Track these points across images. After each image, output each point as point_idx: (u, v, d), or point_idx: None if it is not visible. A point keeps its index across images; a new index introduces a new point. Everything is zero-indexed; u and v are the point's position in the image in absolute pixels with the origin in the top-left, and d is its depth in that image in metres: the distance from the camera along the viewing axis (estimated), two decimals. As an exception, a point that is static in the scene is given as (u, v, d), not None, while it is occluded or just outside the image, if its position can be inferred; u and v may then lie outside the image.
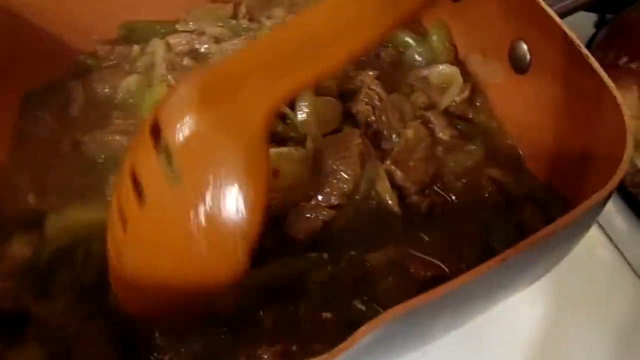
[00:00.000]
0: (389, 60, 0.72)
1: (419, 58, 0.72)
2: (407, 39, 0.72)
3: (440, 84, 0.67)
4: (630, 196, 0.68)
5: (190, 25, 0.76)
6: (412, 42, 0.72)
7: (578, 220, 0.39)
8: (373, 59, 0.71)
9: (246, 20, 0.76)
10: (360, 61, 0.70)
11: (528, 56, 0.59)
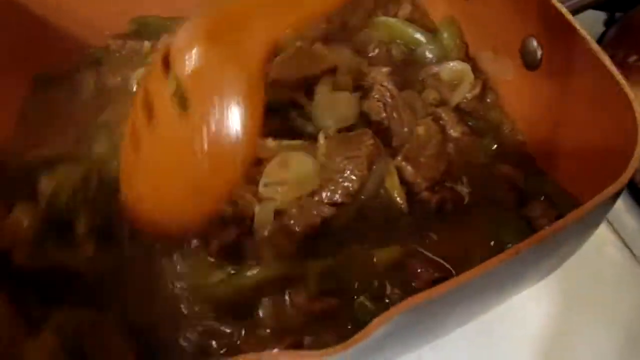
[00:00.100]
0: (400, 57, 0.72)
1: (429, 55, 0.72)
2: (418, 36, 0.73)
3: (451, 80, 0.67)
4: (641, 194, 0.68)
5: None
6: (423, 39, 0.72)
7: (588, 216, 0.39)
8: (384, 56, 0.72)
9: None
10: (371, 58, 0.71)
11: (539, 53, 0.59)
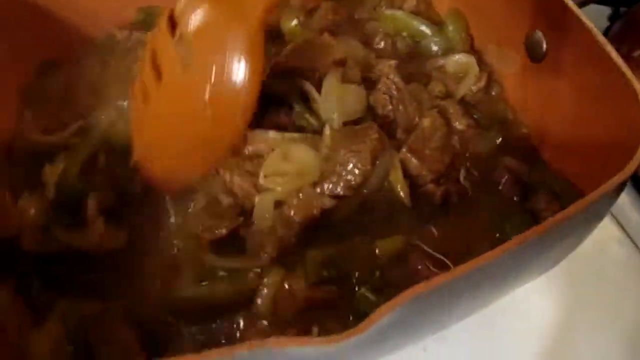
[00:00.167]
0: (405, 50, 0.72)
1: (435, 48, 0.72)
2: (423, 29, 0.73)
3: (456, 73, 0.67)
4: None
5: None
6: (428, 31, 0.72)
7: (592, 206, 0.39)
8: (390, 49, 0.72)
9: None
10: (377, 50, 0.70)
11: (544, 45, 0.59)
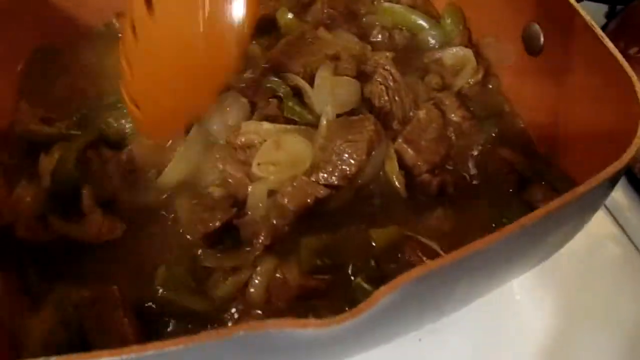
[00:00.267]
0: (403, 43, 0.72)
1: (432, 41, 0.72)
2: (421, 22, 0.73)
3: (453, 65, 0.68)
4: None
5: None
6: (426, 25, 0.73)
7: (585, 196, 0.39)
8: (387, 42, 0.72)
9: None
10: (374, 43, 0.71)
11: (541, 38, 0.59)
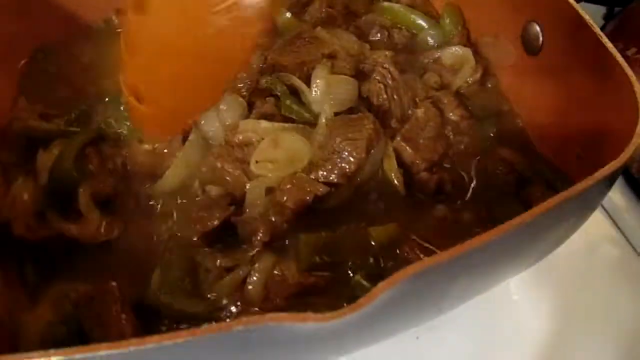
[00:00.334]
0: (402, 42, 0.72)
1: (431, 40, 0.72)
2: (420, 22, 0.73)
3: (452, 64, 0.67)
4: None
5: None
6: (424, 24, 0.73)
7: (582, 195, 0.39)
8: (386, 41, 0.72)
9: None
10: (373, 42, 0.70)
11: (540, 38, 0.59)
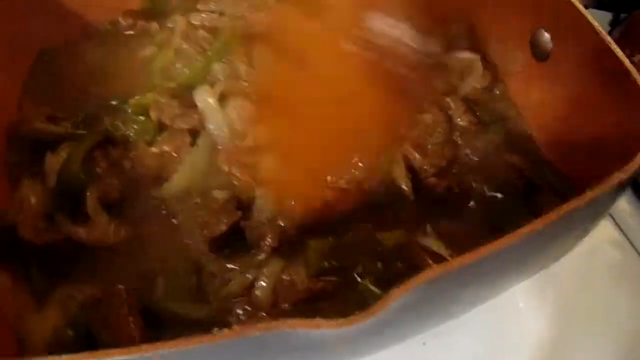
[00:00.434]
0: (409, 47, 0.72)
1: (439, 45, 0.70)
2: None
3: (460, 70, 0.67)
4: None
5: (212, 6, 0.76)
6: (432, 29, 0.71)
7: (591, 204, 0.39)
8: (394, 45, 0.72)
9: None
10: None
11: (549, 44, 0.59)
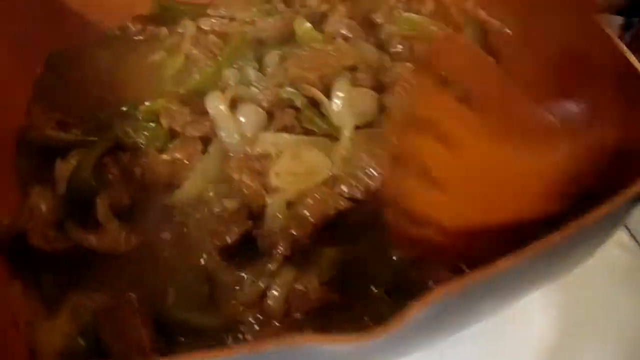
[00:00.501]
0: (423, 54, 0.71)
1: (452, 52, 0.71)
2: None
3: (474, 77, 0.67)
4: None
5: (222, 11, 0.76)
6: (445, 36, 0.72)
7: (607, 217, 0.39)
8: (407, 53, 0.71)
9: (282, 5, 0.75)
10: (394, 54, 0.70)
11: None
